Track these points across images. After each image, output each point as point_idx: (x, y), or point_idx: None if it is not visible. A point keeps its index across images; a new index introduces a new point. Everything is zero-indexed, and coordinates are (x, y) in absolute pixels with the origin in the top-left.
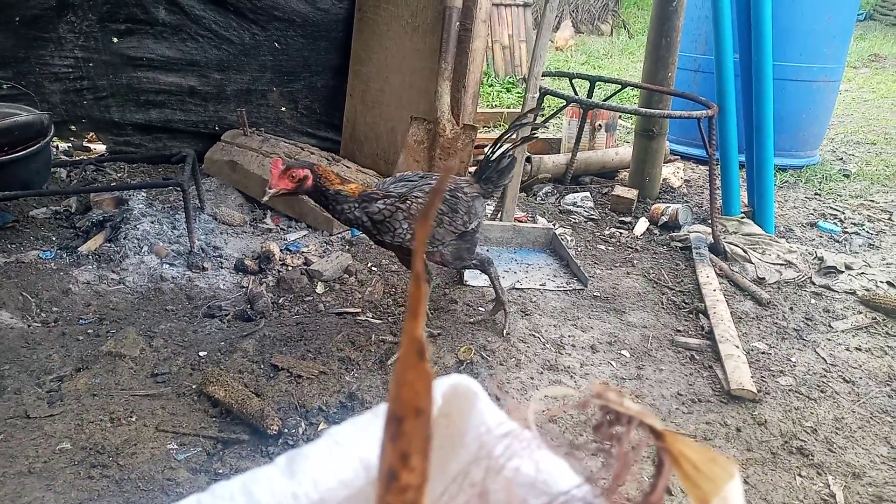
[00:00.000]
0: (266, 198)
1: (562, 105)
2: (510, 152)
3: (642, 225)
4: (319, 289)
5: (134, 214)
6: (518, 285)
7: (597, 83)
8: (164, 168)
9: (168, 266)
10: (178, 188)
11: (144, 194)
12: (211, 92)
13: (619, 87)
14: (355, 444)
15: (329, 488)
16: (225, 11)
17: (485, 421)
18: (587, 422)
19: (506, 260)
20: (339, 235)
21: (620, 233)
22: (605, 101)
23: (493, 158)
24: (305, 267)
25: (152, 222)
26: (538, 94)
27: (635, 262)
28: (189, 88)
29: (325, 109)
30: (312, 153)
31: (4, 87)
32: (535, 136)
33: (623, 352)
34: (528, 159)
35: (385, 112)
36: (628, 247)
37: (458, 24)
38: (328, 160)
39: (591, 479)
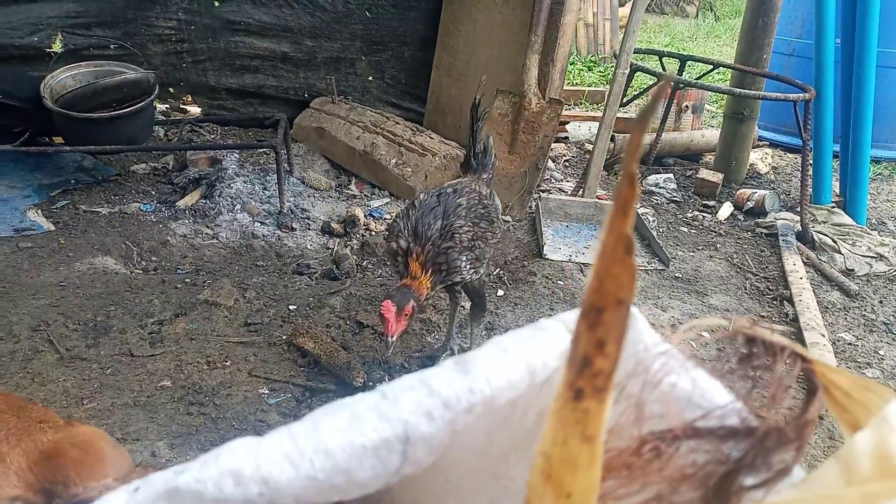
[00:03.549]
0: (389, 350)
1: (651, 83)
2: (482, 136)
3: (727, 209)
4: None
5: (228, 174)
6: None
7: (687, 63)
8: (255, 132)
9: (259, 224)
10: (272, 150)
11: (237, 155)
12: (302, 59)
13: (711, 67)
14: (520, 351)
15: (499, 387)
16: None
17: (643, 339)
18: (734, 354)
19: (586, 237)
20: None
21: (704, 216)
22: (696, 80)
23: (477, 150)
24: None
25: (245, 182)
26: (629, 69)
27: (718, 245)
28: (282, 54)
29: (410, 80)
30: (398, 123)
31: (112, 46)
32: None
33: (704, 334)
34: (612, 138)
35: (470, 85)
36: (711, 230)
37: None
38: (412, 130)
39: (745, 399)
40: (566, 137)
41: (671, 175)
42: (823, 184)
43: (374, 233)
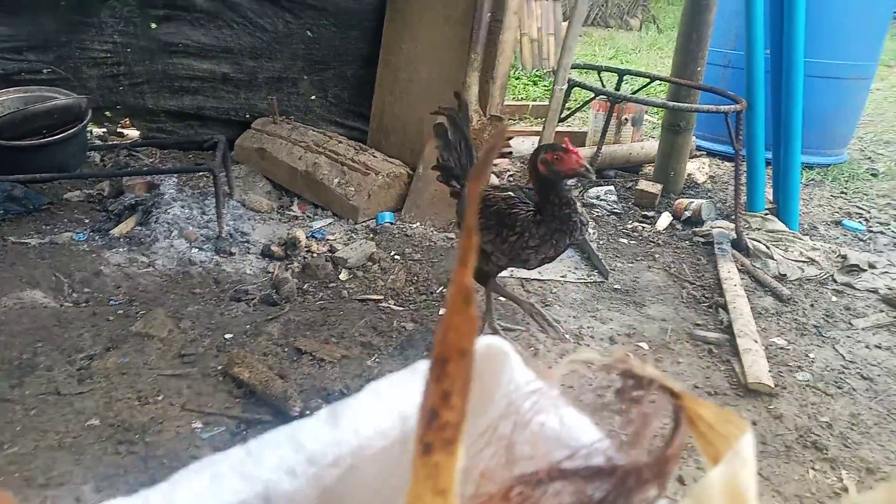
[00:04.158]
0: (593, 175)
1: (589, 98)
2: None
3: (665, 219)
4: (343, 276)
5: (165, 199)
6: (539, 276)
7: (625, 77)
8: (195, 154)
9: (197, 250)
10: (209, 174)
11: (175, 179)
12: (243, 79)
13: (648, 80)
14: (394, 397)
15: (368, 437)
16: None
17: (514, 379)
18: (609, 387)
19: None
20: (364, 224)
21: (643, 227)
22: (633, 94)
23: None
24: (330, 254)
25: (182, 207)
26: (566, 85)
27: (657, 256)
28: (222, 75)
29: (354, 99)
30: (341, 142)
31: (45, 71)
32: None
33: (641, 344)
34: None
35: (413, 102)
36: (650, 241)
37: (489, 14)
38: (355, 149)
39: (612, 436)
40: (510, 152)
41: (612, 187)
42: (757, 192)
43: (315, 254)
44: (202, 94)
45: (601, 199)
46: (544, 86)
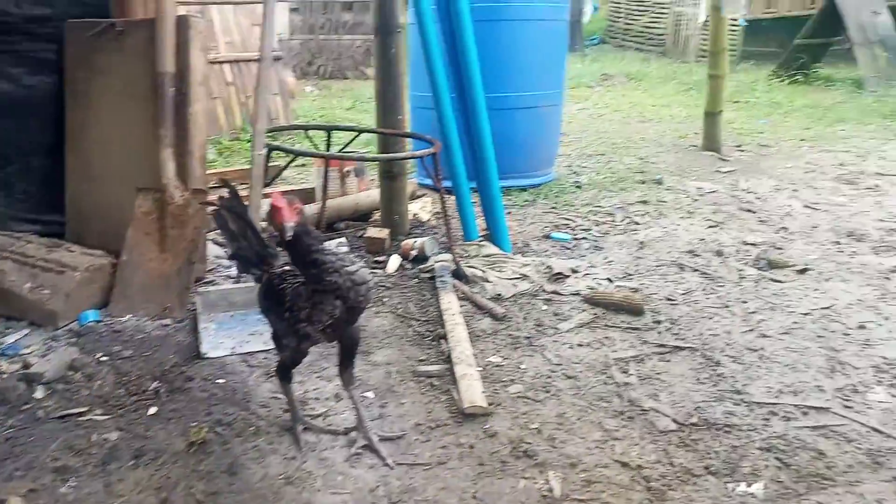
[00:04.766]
0: (290, 234)
1: (290, 159)
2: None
3: (394, 262)
4: (39, 393)
5: None
6: (263, 347)
7: (333, 132)
8: None
9: None
10: None
11: None
12: None
13: (356, 133)
14: None
15: None
16: None
17: None
18: None
19: (252, 323)
20: (66, 328)
21: (374, 273)
22: (341, 149)
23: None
24: (24, 371)
25: None
26: (265, 150)
27: (385, 299)
28: None
29: (44, 192)
30: (30, 242)
31: None
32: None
33: (367, 393)
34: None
35: (110, 187)
36: (381, 285)
37: (172, 89)
38: (48, 247)
39: None
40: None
41: (343, 239)
42: (468, 222)
43: (5, 375)
44: None
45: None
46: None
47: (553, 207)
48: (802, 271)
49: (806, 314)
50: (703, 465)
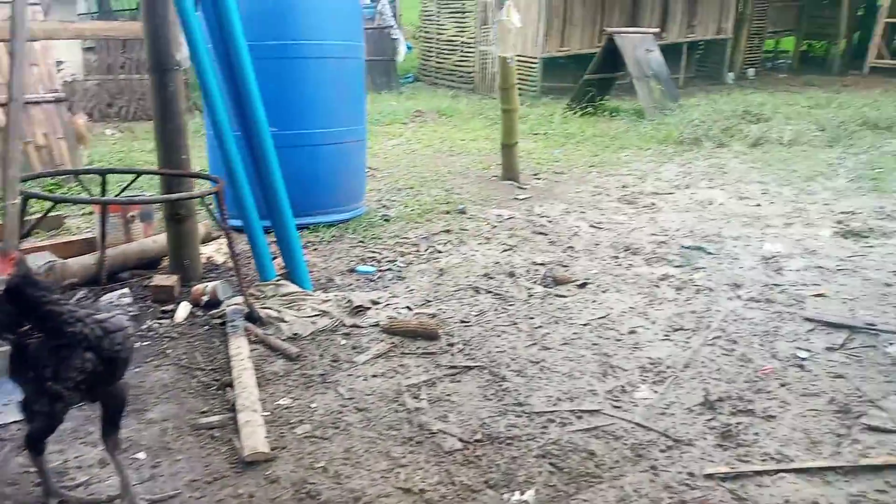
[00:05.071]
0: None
1: (50, 206)
2: None
3: (183, 310)
4: None
5: None
6: (19, 417)
7: (110, 175)
8: None
9: None
10: None
11: None
12: None
13: (135, 176)
14: None
15: None
16: None
17: None
18: None
19: (7, 392)
20: None
21: (160, 323)
22: (118, 193)
23: None
24: None
25: None
26: (19, 199)
27: (169, 351)
28: None
29: None
30: None
31: None
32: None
33: (138, 454)
34: (51, 268)
35: None
36: (166, 336)
37: None
38: None
39: None
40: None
41: (126, 289)
42: (264, 262)
43: None
44: None
45: (115, 305)
46: (62, 192)
47: (361, 241)
48: (582, 285)
49: (585, 324)
50: (483, 479)
